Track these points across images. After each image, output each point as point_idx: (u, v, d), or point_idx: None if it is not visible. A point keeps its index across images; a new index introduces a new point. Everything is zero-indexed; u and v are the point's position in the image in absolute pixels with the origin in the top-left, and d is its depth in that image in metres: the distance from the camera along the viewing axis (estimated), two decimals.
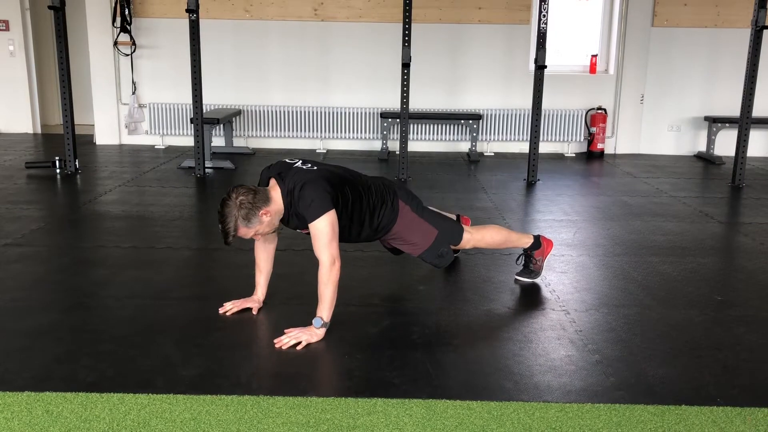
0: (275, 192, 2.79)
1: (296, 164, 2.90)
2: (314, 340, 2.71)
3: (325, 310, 2.75)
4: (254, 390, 2.31)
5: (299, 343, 2.68)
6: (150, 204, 5.13)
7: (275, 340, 2.70)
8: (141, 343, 2.67)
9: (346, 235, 3.02)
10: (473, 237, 3.34)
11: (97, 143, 8.09)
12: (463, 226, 3.35)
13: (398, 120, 7.06)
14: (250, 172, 6.42)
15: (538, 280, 3.48)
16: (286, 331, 2.75)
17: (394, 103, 7.38)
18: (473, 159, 7.53)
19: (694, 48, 7.84)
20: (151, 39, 7.85)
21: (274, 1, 7.72)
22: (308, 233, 2.85)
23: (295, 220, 2.88)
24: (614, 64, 7.98)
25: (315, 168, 2.88)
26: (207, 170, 6.38)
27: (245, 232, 2.72)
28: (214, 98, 7.79)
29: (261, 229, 2.75)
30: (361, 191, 3.00)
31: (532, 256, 3.47)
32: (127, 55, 7.81)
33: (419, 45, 7.06)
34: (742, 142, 6.12)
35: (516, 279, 3.49)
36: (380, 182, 3.16)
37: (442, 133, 8.07)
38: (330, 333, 2.86)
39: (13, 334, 2.72)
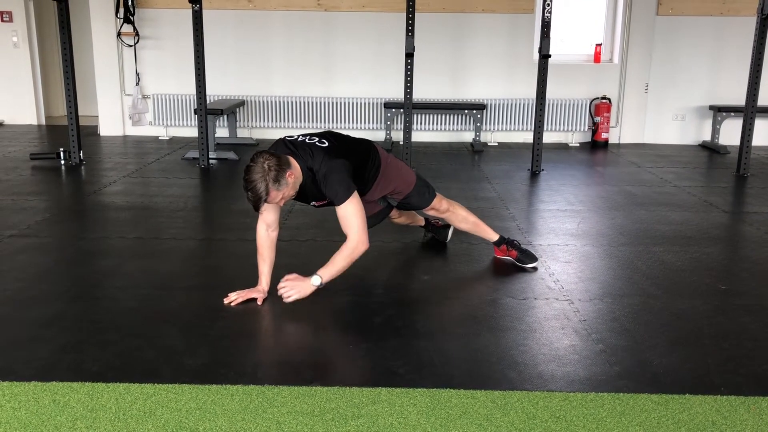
0: (293, 161, 2.86)
1: (299, 139, 2.99)
2: (302, 296, 2.93)
3: (328, 273, 2.94)
4: (259, 379, 2.32)
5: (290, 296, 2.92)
6: (154, 195, 5.14)
7: (279, 287, 2.95)
8: (146, 333, 2.68)
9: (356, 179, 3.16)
10: (445, 201, 3.52)
11: (101, 134, 8.10)
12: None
13: (402, 110, 7.05)
14: None
15: (541, 269, 3.48)
16: (284, 278, 2.96)
17: (397, 93, 7.36)
18: (477, 149, 7.51)
19: (699, 37, 7.80)
20: (154, 30, 7.84)
21: None
22: (322, 205, 3.08)
23: (314, 189, 2.96)
24: (619, 53, 7.94)
25: (324, 140, 2.97)
26: (211, 161, 6.38)
27: (275, 195, 2.75)
28: (217, 89, 7.79)
29: (287, 192, 2.80)
30: (357, 152, 3.14)
31: (514, 241, 3.59)
32: (131, 46, 7.81)
33: (423, 35, 7.03)
34: (747, 131, 6.09)
35: (517, 265, 3.51)
36: (359, 139, 3.29)
37: (445, 123, 8.06)
38: (334, 322, 2.88)
39: (20, 325, 2.74)
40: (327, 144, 2.95)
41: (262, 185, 2.69)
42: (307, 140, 2.97)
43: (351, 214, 2.90)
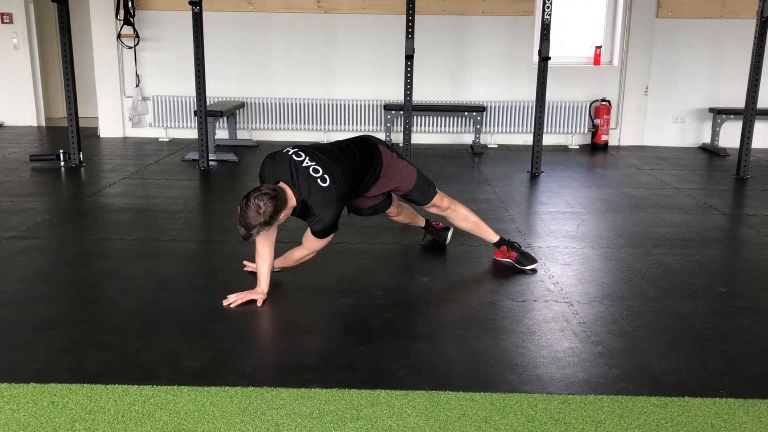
0: (290, 192, 2.92)
1: (304, 163, 2.98)
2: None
3: (279, 263, 3.23)
4: (258, 381, 2.32)
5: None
6: (154, 196, 5.14)
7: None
8: (145, 334, 2.68)
9: (354, 196, 3.23)
10: (447, 199, 3.55)
11: (101, 136, 8.10)
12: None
13: (402, 112, 7.06)
14: (254, 164, 6.42)
15: (541, 271, 3.48)
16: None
17: (397, 95, 7.36)
18: (477, 151, 7.51)
19: (699, 39, 7.80)
20: (154, 31, 7.84)
21: None
22: None
23: (302, 214, 3.04)
24: (618, 56, 7.94)
25: (326, 178, 2.96)
26: (211, 163, 6.38)
27: (263, 230, 2.87)
28: (217, 91, 7.79)
29: (276, 225, 2.92)
30: (362, 163, 3.17)
31: (514, 243, 3.59)
32: (131, 47, 7.81)
33: (423, 37, 7.03)
34: (746, 134, 6.09)
35: (517, 267, 3.51)
36: (364, 142, 3.32)
37: (445, 125, 8.06)
38: (333, 324, 2.88)
39: (19, 326, 2.74)
40: (327, 183, 2.94)
41: (254, 230, 2.80)
42: (311, 171, 2.95)
43: (319, 241, 3.09)
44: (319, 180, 2.94)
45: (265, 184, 2.91)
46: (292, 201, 2.91)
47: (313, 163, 2.97)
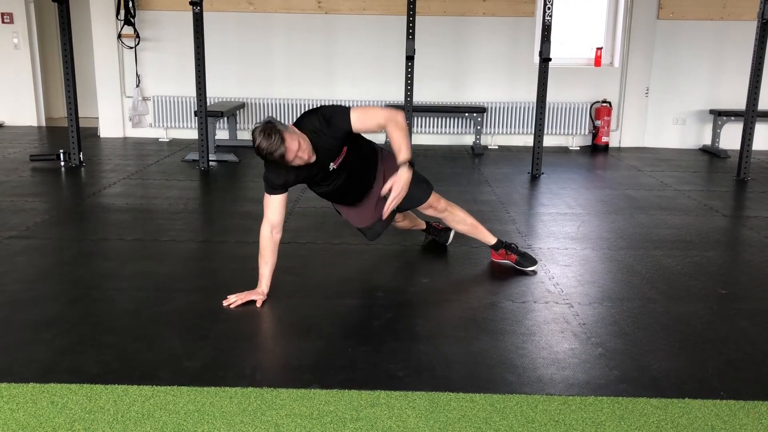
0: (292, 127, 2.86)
1: (286, 124, 2.91)
2: (404, 186, 2.98)
3: (406, 151, 3.01)
4: (258, 382, 2.32)
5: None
6: (154, 197, 5.14)
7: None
8: (145, 335, 2.68)
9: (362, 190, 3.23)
10: (443, 201, 3.50)
11: (101, 136, 8.10)
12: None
13: None
14: (254, 165, 6.42)
15: (541, 273, 3.48)
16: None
17: (398, 96, 7.36)
18: (477, 152, 7.51)
19: (700, 41, 7.80)
20: (155, 32, 7.84)
21: None
22: (341, 163, 3.04)
23: (325, 145, 2.93)
24: (619, 57, 7.94)
25: (316, 107, 3.00)
26: (211, 163, 6.38)
27: (291, 142, 2.74)
28: (218, 91, 7.79)
29: (303, 144, 2.78)
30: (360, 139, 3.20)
31: (512, 245, 3.58)
32: (131, 47, 7.81)
33: (423, 38, 7.04)
34: (747, 136, 6.09)
35: (517, 268, 3.51)
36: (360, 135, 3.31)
37: (446, 126, 8.06)
38: (333, 325, 2.87)
39: (19, 326, 2.73)
40: (315, 108, 2.99)
41: (275, 137, 2.69)
42: (296, 122, 2.97)
43: (364, 110, 2.98)
44: (304, 113, 2.96)
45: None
46: (297, 131, 2.82)
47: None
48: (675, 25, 7.76)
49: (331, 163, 3.04)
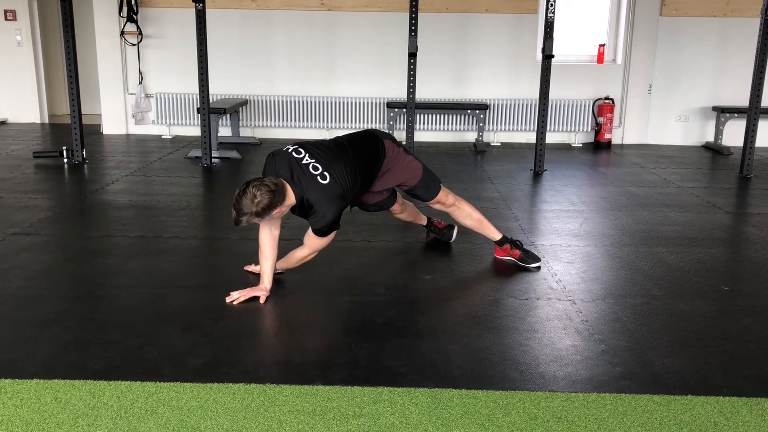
0: (290, 190, 2.89)
1: (303, 160, 2.95)
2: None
3: (282, 265, 3.20)
4: (261, 378, 2.32)
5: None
6: (157, 194, 5.15)
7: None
8: (148, 331, 2.69)
9: (356, 193, 3.18)
10: (452, 195, 3.55)
11: (104, 133, 8.11)
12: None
13: (405, 110, 7.05)
14: (256, 162, 6.42)
15: (544, 270, 3.48)
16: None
17: (400, 93, 7.36)
18: (480, 149, 7.51)
19: (703, 37, 7.78)
20: (157, 29, 7.84)
21: None
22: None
23: (301, 212, 3.02)
24: (622, 54, 7.93)
25: (326, 175, 2.92)
26: (214, 160, 6.39)
27: (255, 221, 2.86)
28: (220, 88, 7.79)
29: (270, 218, 2.89)
30: (364, 160, 3.16)
31: (516, 241, 3.60)
32: (134, 44, 7.81)
33: (426, 34, 7.03)
34: (750, 133, 6.08)
35: (520, 265, 3.51)
36: (368, 137, 3.32)
37: (448, 123, 8.05)
38: (336, 322, 2.88)
39: (22, 323, 2.74)
40: (328, 180, 2.91)
41: (244, 217, 2.81)
42: (310, 168, 2.92)
43: (322, 241, 3.07)
44: (318, 177, 2.91)
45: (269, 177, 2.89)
46: (291, 198, 2.89)
47: (313, 161, 2.95)
48: (678, 21, 7.74)
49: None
